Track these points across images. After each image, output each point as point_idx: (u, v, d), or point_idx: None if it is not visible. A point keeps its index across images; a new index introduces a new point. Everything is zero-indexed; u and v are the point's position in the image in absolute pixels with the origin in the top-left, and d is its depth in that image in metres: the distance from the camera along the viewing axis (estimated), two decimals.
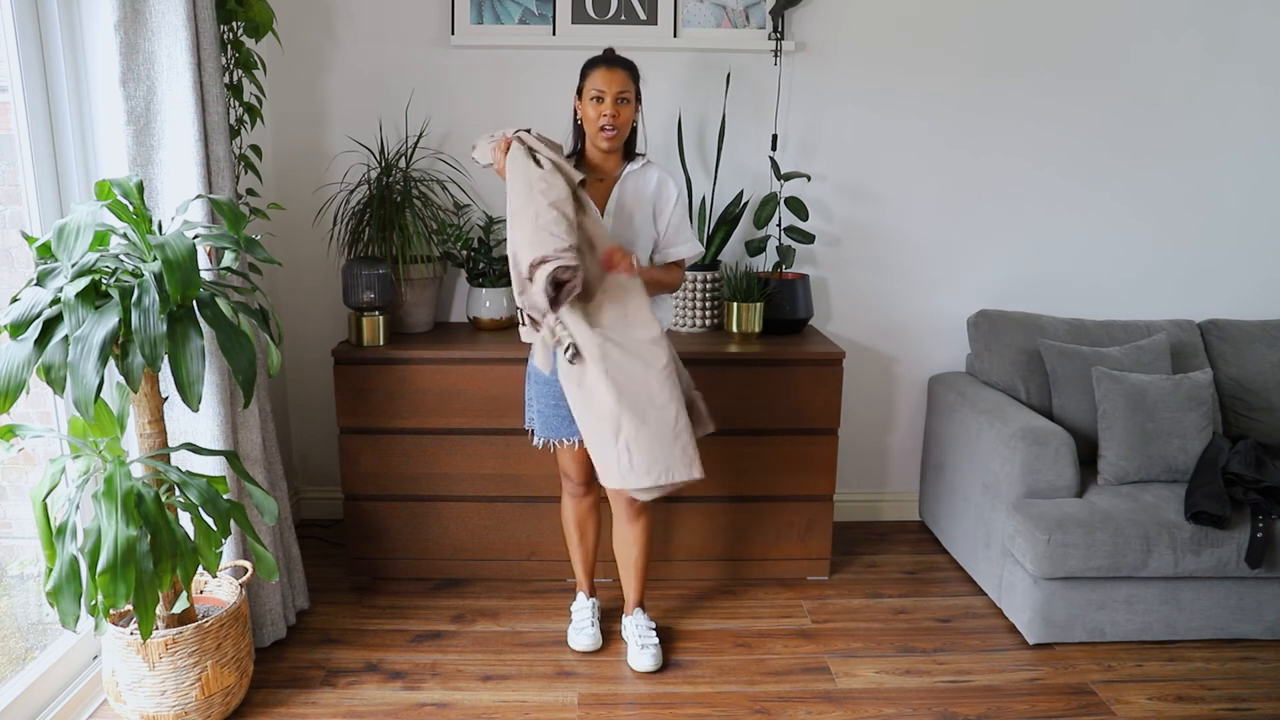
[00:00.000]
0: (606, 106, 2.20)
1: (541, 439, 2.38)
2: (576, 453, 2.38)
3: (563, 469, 2.45)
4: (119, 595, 1.73)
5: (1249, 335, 2.99)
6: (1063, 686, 2.34)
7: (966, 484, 2.85)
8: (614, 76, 2.20)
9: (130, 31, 2.03)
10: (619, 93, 2.20)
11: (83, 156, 2.15)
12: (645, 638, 2.43)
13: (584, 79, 2.25)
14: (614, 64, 2.23)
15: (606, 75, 2.21)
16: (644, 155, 2.35)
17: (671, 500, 2.54)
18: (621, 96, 2.21)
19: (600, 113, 2.21)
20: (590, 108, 2.23)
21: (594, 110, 2.22)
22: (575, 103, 2.30)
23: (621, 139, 2.26)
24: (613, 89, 2.20)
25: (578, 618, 2.54)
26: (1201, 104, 3.08)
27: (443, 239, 2.91)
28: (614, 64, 2.23)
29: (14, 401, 1.66)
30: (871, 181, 3.12)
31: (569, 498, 2.49)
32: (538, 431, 2.39)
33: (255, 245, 1.96)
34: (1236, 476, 2.49)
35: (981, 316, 3.06)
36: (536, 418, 2.38)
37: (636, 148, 2.36)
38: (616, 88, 2.20)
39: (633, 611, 2.50)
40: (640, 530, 2.40)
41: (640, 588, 2.48)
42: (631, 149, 2.34)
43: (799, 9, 2.96)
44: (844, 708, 2.25)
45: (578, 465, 2.40)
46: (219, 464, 2.22)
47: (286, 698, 2.26)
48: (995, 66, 3.03)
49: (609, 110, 2.20)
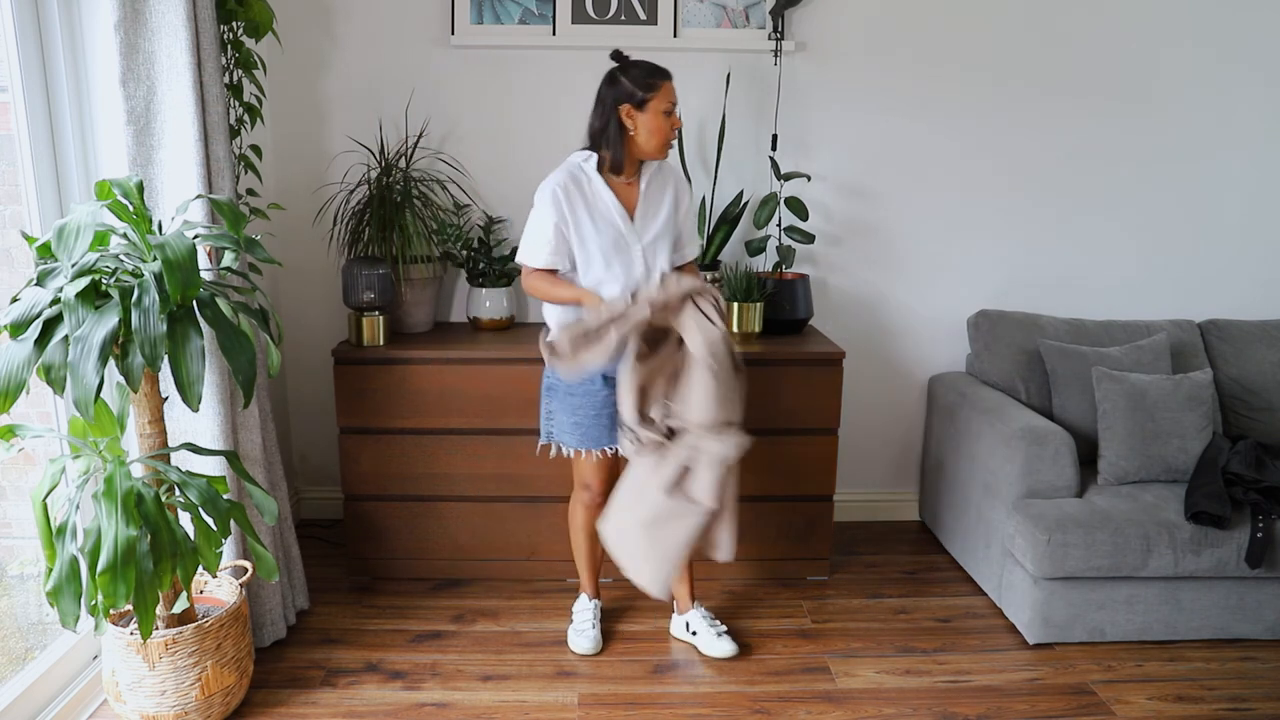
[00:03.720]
0: (675, 119, 2.25)
1: (571, 449, 2.36)
2: (606, 463, 2.38)
3: (583, 479, 2.42)
4: (119, 595, 1.73)
5: (1249, 335, 2.99)
6: (1063, 686, 2.34)
7: (966, 484, 2.85)
8: (673, 88, 2.24)
9: (130, 31, 2.03)
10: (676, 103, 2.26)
11: (83, 156, 2.15)
12: (716, 626, 2.49)
13: (650, 90, 2.20)
14: (670, 76, 2.26)
15: (672, 89, 2.23)
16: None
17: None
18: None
19: (672, 125, 2.24)
20: (660, 120, 2.22)
21: (665, 123, 2.22)
22: (628, 111, 2.21)
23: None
24: (675, 100, 2.25)
25: (579, 619, 2.54)
26: (1201, 104, 3.08)
27: (443, 239, 2.91)
28: (670, 76, 2.26)
29: (14, 401, 1.66)
30: (871, 181, 3.12)
31: (583, 506, 2.48)
32: (568, 443, 2.35)
33: (255, 245, 1.96)
34: (1236, 476, 2.49)
35: (981, 316, 3.06)
36: (570, 430, 2.33)
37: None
38: (675, 98, 2.25)
39: (691, 607, 2.54)
40: None
41: (692, 584, 2.56)
42: None
43: (799, 9, 2.96)
44: (844, 708, 2.25)
45: (603, 476, 2.40)
46: (219, 464, 2.22)
47: (286, 698, 2.26)
48: (995, 66, 3.03)
49: (678, 123, 2.26)
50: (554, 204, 2.22)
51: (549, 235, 2.24)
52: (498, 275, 2.95)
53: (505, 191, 3.07)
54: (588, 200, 2.25)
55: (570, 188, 2.24)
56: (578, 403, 2.31)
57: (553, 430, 2.38)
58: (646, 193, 2.30)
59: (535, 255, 2.28)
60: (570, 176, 2.25)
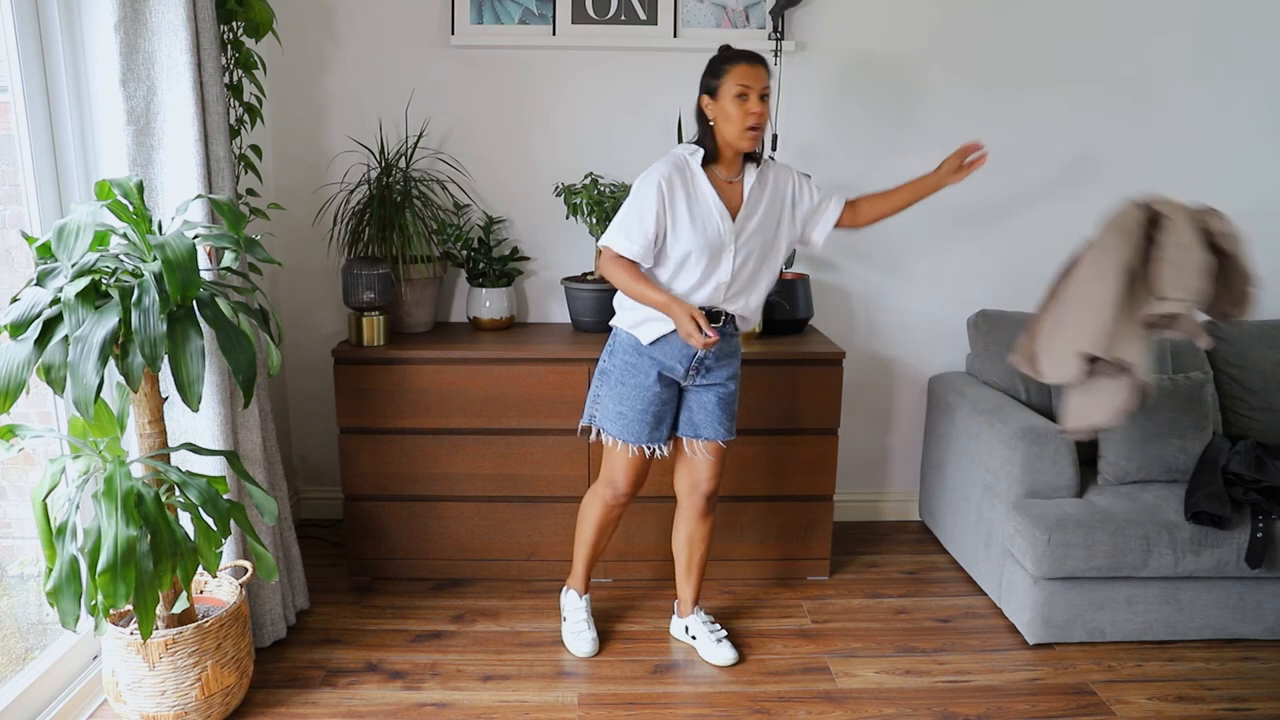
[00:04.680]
0: (753, 104, 2.08)
1: (610, 438, 2.30)
2: (643, 462, 2.32)
3: (612, 474, 2.35)
4: (119, 595, 1.73)
5: (1249, 335, 2.99)
6: (1063, 686, 2.34)
7: (966, 484, 2.85)
8: (758, 73, 2.08)
9: (130, 31, 2.03)
10: (763, 89, 2.10)
11: (83, 156, 2.15)
12: (716, 631, 2.47)
13: (721, 76, 2.10)
14: (755, 60, 2.10)
15: (750, 71, 2.07)
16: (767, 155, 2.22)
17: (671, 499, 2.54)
18: (764, 93, 2.10)
19: (747, 111, 2.07)
20: (733, 105, 2.08)
21: (738, 108, 2.08)
22: (704, 102, 2.14)
23: (762, 137, 2.15)
24: (758, 85, 2.08)
25: (574, 619, 2.51)
26: (1201, 103, 3.08)
27: (443, 239, 2.91)
28: (755, 60, 2.10)
29: (14, 401, 1.66)
30: (871, 181, 3.11)
31: (601, 502, 2.41)
32: (609, 430, 2.29)
33: (255, 245, 1.96)
34: (1236, 476, 2.49)
35: (981, 316, 3.06)
36: (614, 419, 2.28)
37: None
38: (761, 84, 2.08)
39: (693, 610, 2.51)
40: (709, 528, 2.43)
41: (699, 587, 2.52)
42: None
43: (799, 9, 2.96)
44: (844, 708, 2.25)
45: (634, 475, 2.34)
46: (219, 464, 2.22)
47: (286, 698, 2.26)
48: (995, 66, 3.03)
49: (756, 108, 2.08)
50: (658, 193, 2.11)
51: (649, 225, 2.12)
52: (498, 275, 2.95)
53: (505, 191, 3.07)
54: (689, 194, 2.15)
55: (674, 179, 2.13)
56: (627, 393, 2.25)
57: (596, 413, 2.33)
58: (757, 197, 2.20)
59: (628, 244, 2.14)
60: (675, 168, 2.15)
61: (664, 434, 2.31)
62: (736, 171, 2.21)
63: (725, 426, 2.31)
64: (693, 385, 2.29)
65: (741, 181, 2.21)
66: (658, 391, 2.25)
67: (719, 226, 2.16)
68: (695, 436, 2.32)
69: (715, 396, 2.29)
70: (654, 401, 2.25)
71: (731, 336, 2.29)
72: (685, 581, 2.50)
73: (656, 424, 2.28)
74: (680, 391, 2.32)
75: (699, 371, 2.26)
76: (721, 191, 2.18)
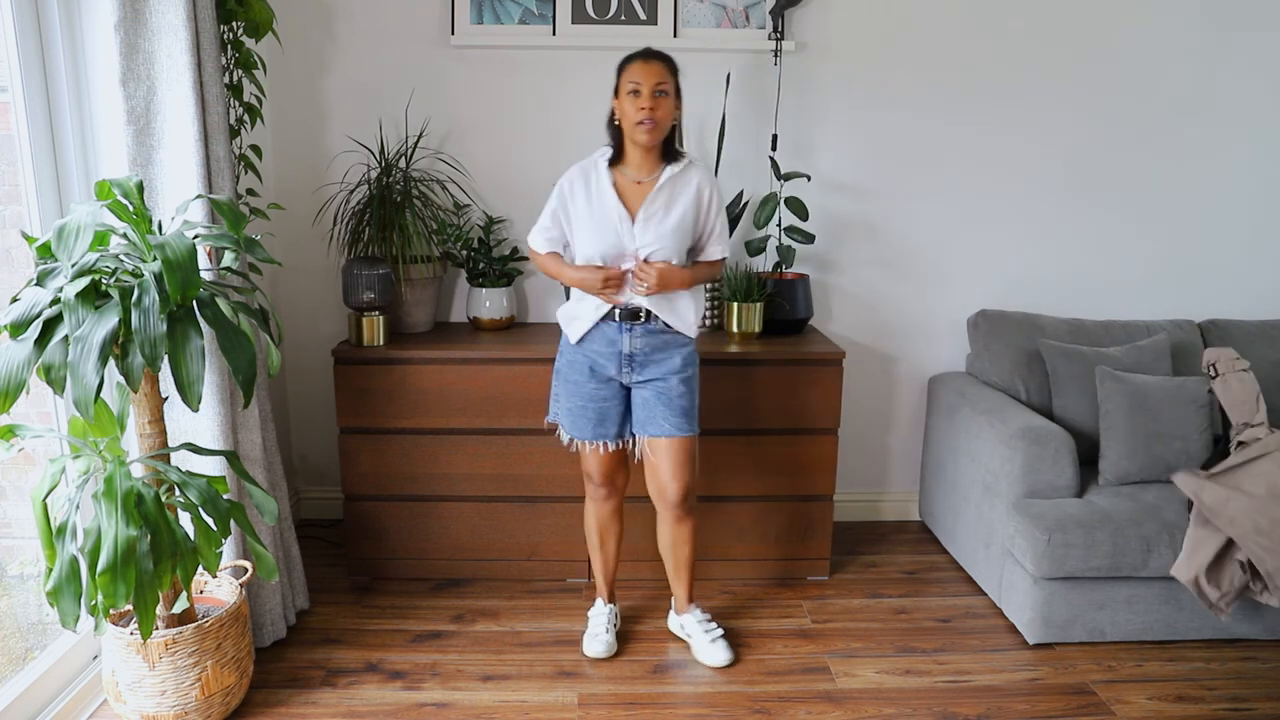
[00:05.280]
0: (644, 99, 2.13)
1: (568, 437, 2.39)
2: (601, 455, 2.37)
3: (586, 466, 2.43)
4: (119, 595, 1.73)
5: (1249, 335, 2.99)
6: (1063, 686, 2.34)
7: (966, 484, 2.85)
8: (650, 69, 2.15)
9: (130, 31, 2.03)
10: (656, 85, 2.14)
11: (83, 156, 2.15)
12: (711, 631, 2.46)
13: (620, 74, 2.19)
14: (650, 57, 2.17)
15: (643, 68, 2.15)
16: (685, 155, 2.27)
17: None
18: (659, 89, 2.14)
19: (638, 106, 2.13)
20: (628, 102, 2.15)
21: (631, 105, 2.15)
22: (613, 103, 2.23)
23: (661, 134, 2.18)
24: (650, 81, 2.13)
25: (594, 623, 2.52)
26: (1202, 103, 3.08)
27: (443, 239, 2.91)
28: (650, 57, 2.17)
29: (14, 401, 1.66)
30: (872, 181, 3.12)
31: (590, 501, 2.48)
32: (564, 426, 2.39)
33: (255, 245, 1.96)
34: None
35: (981, 316, 3.06)
36: (565, 415, 2.37)
37: (677, 146, 2.29)
38: (654, 80, 2.14)
39: (687, 609, 2.51)
40: (689, 529, 2.41)
41: (691, 585, 2.50)
42: (671, 149, 2.26)
43: (799, 9, 2.96)
44: (844, 708, 2.25)
45: (599, 466, 2.39)
46: (219, 464, 2.22)
47: (286, 698, 2.26)
48: (995, 66, 3.03)
49: (646, 103, 2.13)
50: (558, 193, 2.27)
51: (546, 222, 2.32)
52: (498, 275, 2.95)
53: (505, 191, 3.07)
54: (590, 196, 2.24)
55: (576, 181, 2.25)
56: (571, 390, 2.34)
57: (558, 411, 2.41)
58: (655, 196, 2.22)
59: (535, 238, 2.36)
60: (581, 169, 2.26)
61: (610, 431, 2.34)
62: (650, 171, 2.24)
63: (671, 423, 2.28)
64: (634, 383, 2.32)
65: (653, 183, 2.24)
66: (594, 389, 2.30)
67: (617, 229, 2.21)
68: (644, 434, 2.33)
69: (653, 392, 2.30)
70: (592, 398, 2.30)
71: (660, 333, 2.30)
72: (676, 582, 2.50)
73: (600, 420, 2.32)
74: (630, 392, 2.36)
75: (632, 368, 2.29)
76: (627, 193, 2.23)
